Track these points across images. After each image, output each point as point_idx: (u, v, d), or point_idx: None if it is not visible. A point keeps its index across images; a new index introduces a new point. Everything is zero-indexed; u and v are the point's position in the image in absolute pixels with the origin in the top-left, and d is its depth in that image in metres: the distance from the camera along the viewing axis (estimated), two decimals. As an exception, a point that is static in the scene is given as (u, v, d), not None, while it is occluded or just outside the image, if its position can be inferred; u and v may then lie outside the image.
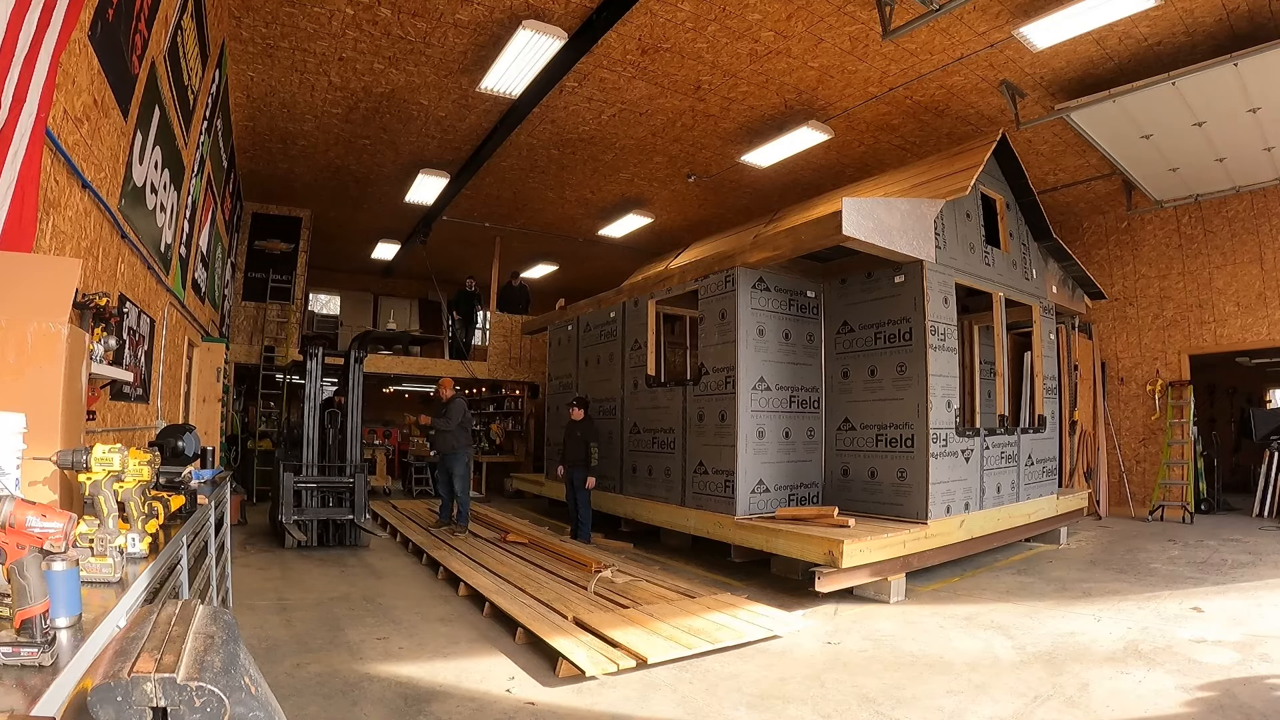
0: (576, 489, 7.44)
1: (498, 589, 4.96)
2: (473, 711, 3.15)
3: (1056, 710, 3.15)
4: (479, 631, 4.37)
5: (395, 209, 11.03)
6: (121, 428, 3.91)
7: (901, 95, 7.14)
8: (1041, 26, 5.64)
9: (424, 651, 3.96)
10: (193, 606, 1.10)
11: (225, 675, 0.88)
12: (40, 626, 1.06)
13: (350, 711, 3.10)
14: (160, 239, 4.57)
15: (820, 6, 5.72)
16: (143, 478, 1.79)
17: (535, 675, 3.60)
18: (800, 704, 3.26)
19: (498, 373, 12.78)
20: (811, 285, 6.70)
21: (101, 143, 3.12)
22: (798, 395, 6.48)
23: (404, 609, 4.86)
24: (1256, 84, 5.91)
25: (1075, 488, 8.77)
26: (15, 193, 2.02)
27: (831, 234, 5.23)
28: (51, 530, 1.11)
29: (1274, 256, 8.43)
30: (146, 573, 1.67)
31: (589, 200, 10.83)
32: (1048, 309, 7.55)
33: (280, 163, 9.52)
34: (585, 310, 9.11)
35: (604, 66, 6.76)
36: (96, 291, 2.90)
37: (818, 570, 4.83)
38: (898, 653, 3.97)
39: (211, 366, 7.61)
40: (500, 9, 5.81)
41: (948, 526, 5.69)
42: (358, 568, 6.23)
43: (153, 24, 3.66)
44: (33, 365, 1.74)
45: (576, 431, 7.50)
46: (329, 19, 5.98)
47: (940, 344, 5.83)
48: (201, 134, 5.67)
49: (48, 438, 1.71)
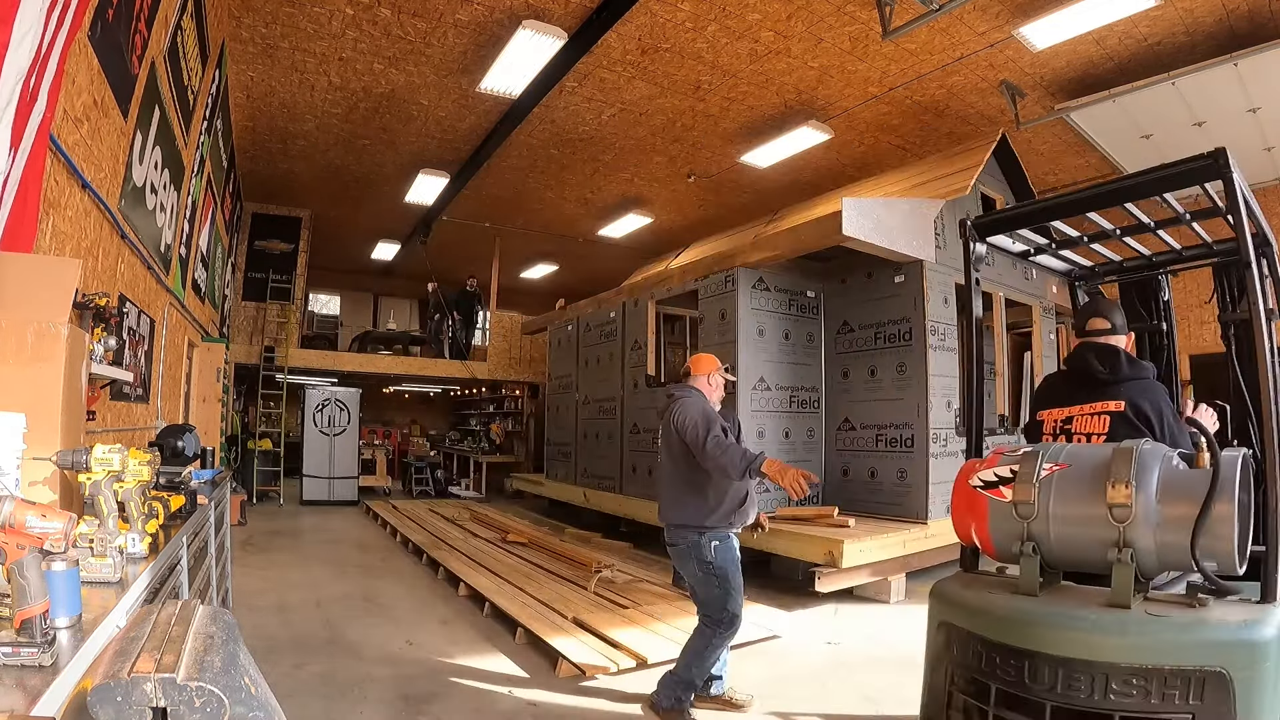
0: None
1: (498, 589, 4.96)
2: (473, 711, 3.14)
3: (1056, 710, 3.15)
4: (479, 631, 4.36)
5: (395, 209, 11.03)
6: (121, 428, 3.91)
7: (901, 95, 7.14)
8: (1041, 26, 5.64)
9: (424, 651, 3.96)
10: (193, 606, 1.10)
11: (225, 675, 0.88)
12: (40, 626, 1.06)
13: (350, 711, 3.10)
14: (160, 239, 4.57)
15: (820, 6, 5.72)
16: (143, 478, 1.78)
17: (535, 675, 3.60)
18: (800, 704, 3.26)
19: (498, 373, 12.78)
20: (811, 285, 6.70)
21: (101, 143, 3.12)
22: (798, 395, 6.48)
23: (404, 609, 4.85)
24: (1256, 84, 5.91)
25: (1075, 488, 8.76)
26: (18, 193, 2.02)
27: (831, 234, 5.23)
28: (51, 530, 1.11)
29: (1274, 256, 8.42)
30: (146, 573, 1.67)
31: (589, 200, 10.83)
32: (1048, 309, 7.55)
33: (280, 163, 9.52)
34: (585, 310, 9.11)
35: (604, 66, 6.76)
36: (96, 291, 2.90)
37: (818, 570, 4.83)
38: (898, 653, 3.97)
39: (211, 366, 7.61)
40: (500, 9, 5.81)
41: (948, 526, 5.67)
42: (358, 567, 6.24)
43: (153, 24, 3.66)
44: (33, 365, 1.74)
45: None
46: (329, 19, 5.98)
47: (940, 344, 5.83)
48: (201, 134, 5.67)
49: (48, 438, 1.71)
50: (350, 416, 10.93)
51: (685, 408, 3.02)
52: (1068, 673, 1.47)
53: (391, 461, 14.04)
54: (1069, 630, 1.51)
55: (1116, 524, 1.55)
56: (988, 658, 1.62)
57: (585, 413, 8.78)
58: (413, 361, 12.86)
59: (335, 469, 10.74)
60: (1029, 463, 1.73)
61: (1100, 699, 1.43)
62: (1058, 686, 1.48)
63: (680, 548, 3.03)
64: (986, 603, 1.70)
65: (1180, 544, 1.51)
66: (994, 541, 1.79)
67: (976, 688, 1.66)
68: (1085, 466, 1.68)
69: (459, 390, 16.47)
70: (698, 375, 3.28)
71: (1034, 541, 1.67)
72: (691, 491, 3.01)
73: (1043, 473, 1.70)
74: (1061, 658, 1.49)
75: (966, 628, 1.70)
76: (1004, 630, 1.60)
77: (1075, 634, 1.50)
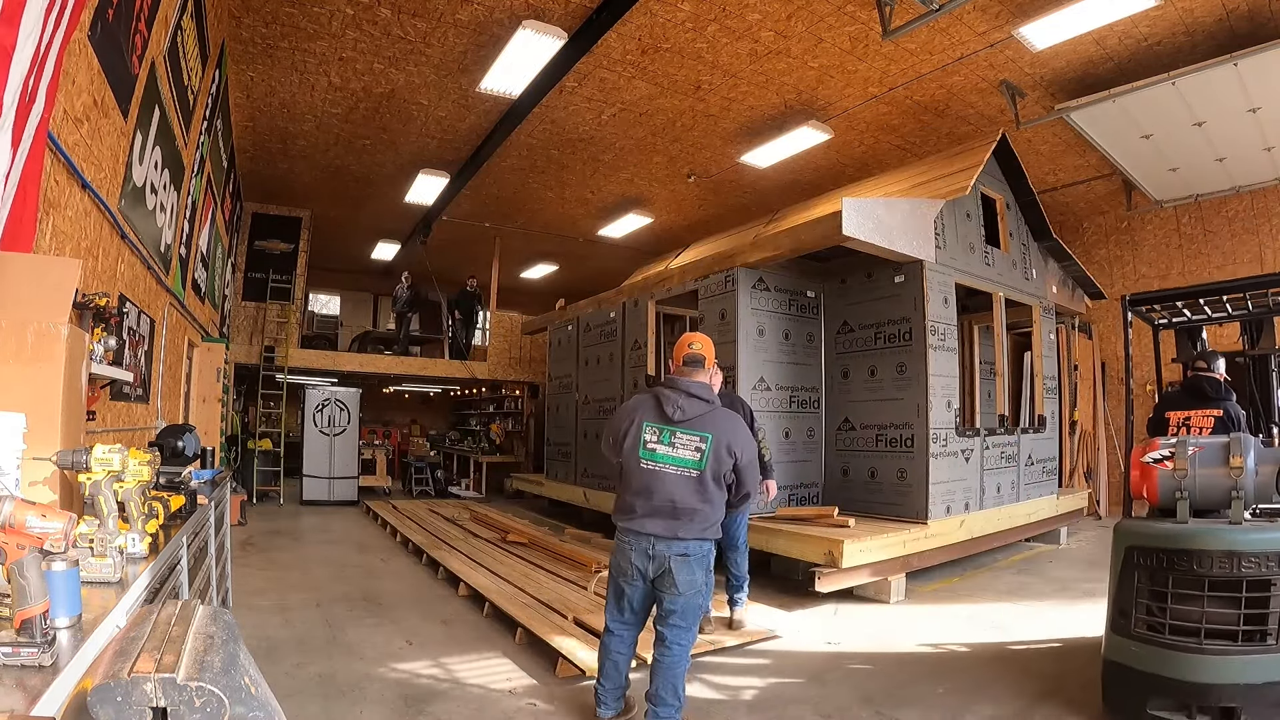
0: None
1: (498, 589, 4.96)
2: (473, 711, 3.14)
3: (1057, 710, 3.15)
4: (479, 631, 4.36)
5: (395, 209, 11.03)
6: (121, 428, 3.91)
7: (901, 95, 7.14)
8: (1041, 26, 5.64)
9: (424, 651, 3.96)
10: (193, 606, 1.10)
11: (225, 675, 0.88)
12: (40, 626, 1.06)
13: (350, 711, 3.10)
14: (160, 239, 4.57)
15: (820, 6, 5.72)
16: (143, 478, 1.79)
17: (535, 675, 3.60)
18: (801, 704, 3.26)
19: (498, 373, 12.78)
20: (811, 285, 6.70)
21: (101, 143, 3.12)
22: (798, 395, 6.48)
23: (404, 609, 4.85)
24: (1256, 84, 5.91)
25: (1075, 488, 8.77)
26: (17, 193, 2.02)
27: (831, 234, 5.23)
28: (51, 530, 1.11)
29: (1274, 256, 8.43)
30: (146, 573, 1.67)
31: (589, 200, 10.83)
32: (1048, 309, 7.55)
33: (280, 163, 9.52)
34: (585, 310, 9.11)
35: (604, 66, 6.76)
36: (96, 291, 2.90)
37: (818, 570, 4.83)
38: (898, 653, 3.97)
39: (211, 366, 7.60)
40: (500, 9, 5.81)
41: (948, 526, 5.69)
42: (358, 568, 6.24)
43: (153, 24, 3.66)
44: (33, 365, 1.74)
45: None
46: (329, 19, 5.98)
47: (940, 344, 5.83)
48: (201, 134, 5.67)
49: (48, 438, 1.71)
50: (350, 416, 10.93)
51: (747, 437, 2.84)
52: (1215, 559, 2.65)
53: (391, 461, 14.04)
54: (1216, 535, 2.71)
55: (1234, 478, 2.82)
56: (1167, 559, 2.77)
57: (585, 413, 8.78)
58: (413, 361, 12.86)
59: (335, 469, 10.74)
60: (1181, 448, 2.97)
61: (1234, 572, 2.63)
62: (1211, 568, 2.66)
63: (694, 558, 2.80)
64: (1163, 529, 2.86)
65: (1267, 486, 2.84)
66: (1160, 494, 3.00)
67: (1156, 579, 2.80)
68: (1214, 448, 2.93)
69: (459, 390, 16.48)
70: (710, 367, 2.96)
71: (1186, 492, 2.91)
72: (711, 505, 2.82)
73: (1189, 452, 2.95)
74: (1212, 551, 2.66)
75: (1151, 545, 2.84)
76: (1177, 541, 2.77)
77: (1219, 536, 2.69)
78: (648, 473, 2.84)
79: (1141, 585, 2.84)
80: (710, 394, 2.88)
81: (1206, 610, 2.66)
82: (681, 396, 2.83)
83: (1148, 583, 2.82)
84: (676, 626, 2.81)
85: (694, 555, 2.79)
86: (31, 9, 1.83)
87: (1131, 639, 2.84)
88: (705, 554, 2.83)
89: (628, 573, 2.88)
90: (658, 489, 2.81)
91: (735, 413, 2.95)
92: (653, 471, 2.83)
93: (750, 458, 2.85)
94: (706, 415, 2.81)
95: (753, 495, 2.92)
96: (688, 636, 2.84)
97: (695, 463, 2.79)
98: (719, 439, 2.78)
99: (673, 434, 2.81)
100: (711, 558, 2.89)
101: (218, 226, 7.75)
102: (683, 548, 2.78)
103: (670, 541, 2.78)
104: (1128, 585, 2.90)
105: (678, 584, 2.77)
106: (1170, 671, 2.68)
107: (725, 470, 2.80)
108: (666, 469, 2.81)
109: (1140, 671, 2.78)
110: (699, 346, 2.93)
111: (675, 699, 2.79)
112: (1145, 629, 2.81)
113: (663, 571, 2.79)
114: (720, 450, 2.78)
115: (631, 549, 2.85)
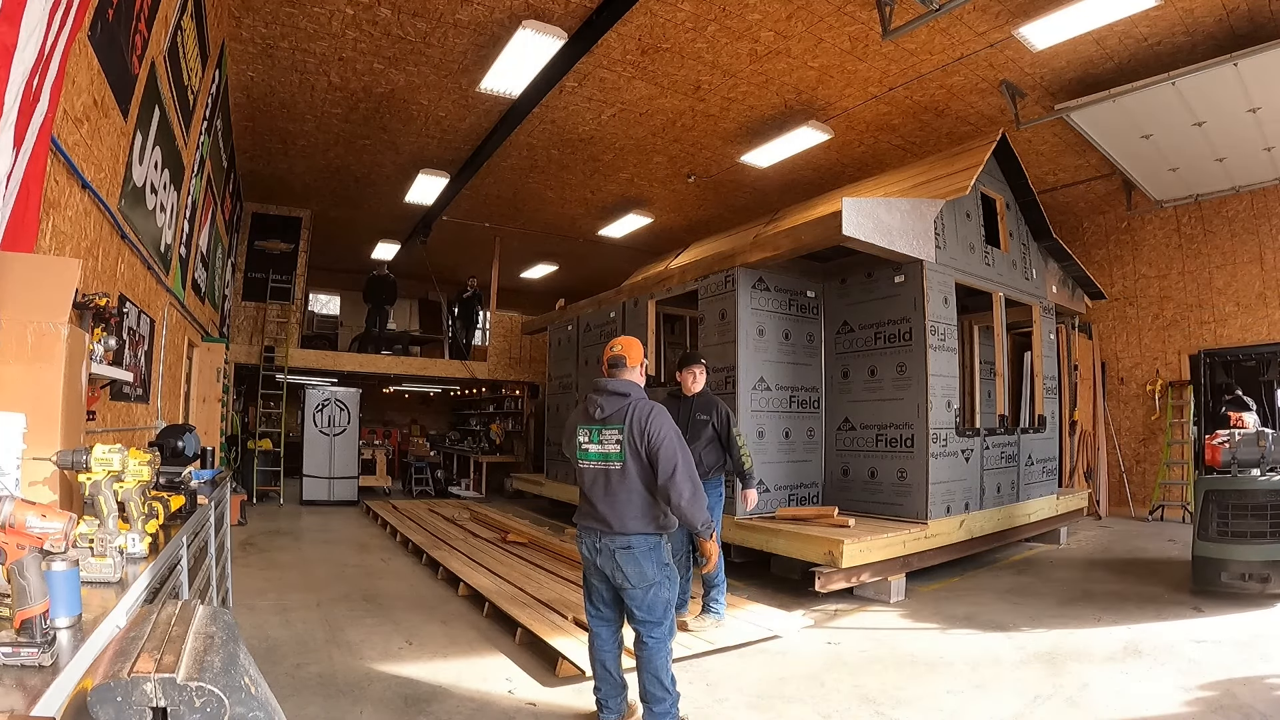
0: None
1: (498, 589, 4.96)
2: (473, 711, 3.15)
3: (1057, 710, 3.15)
4: (479, 632, 4.37)
5: (395, 209, 11.03)
6: (121, 428, 3.91)
7: (901, 95, 7.14)
8: (1041, 27, 5.64)
9: (424, 652, 3.96)
10: (193, 606, 1.10)
11: (225, 675, 0.88)
12: (40, 627, 1.06)
13: (350, 711, 3.10)
14: (160, 239, 4.57)
15: (820, 6, 5.72)
16: (143, 478, 1.78)
17: (535, 675, 3.60)
18: (800, 704, 3.26)
19: (498, 373, 12.78)
20: (811, 285, 6.70)
21: (101, 143, 3.12)
22: (798, 395, 6.48)
23: (404, 609, 4.85)
24: (1256, 84, 5.91)
25: (1075, 488, 8.77)
26: (20, 193, 2.02)
27: (831, 234, 5.23)
28: (51, 530, 1.11)
29: (1274, 256, 8.43)
30: (146, 573, 1.67)
31: (589, 200, 10.83)
32: (1048, 309, 7.55)
33: (280, 163, 9.52)
34: (585, 310, 9.11)
35: (604, 66, 6.76)
36: (96, 291, 2.90)
37: (818, 570, 4.83)
38: (898, 653, 3.97)
39: (211, 366, 7.61)
40: (500, 9, 5.81)
41: (948, 526, 5.69)
42: (358, 567, 6.23)
43: (153, 24, 3.66)
44: (33, 365, 1.75)
45: (698, 414, 4.46)
46: (329, 19, 5.98)
47: (940, 344, 5.83)
48: (201, 134, 5.67)
49: (48, 438, 1.71)
50: (350, 416, 10.94)
51: (662, 423, 2.80)
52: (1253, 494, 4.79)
53: (391, 461, 14.05)
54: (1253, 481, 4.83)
55: (1261, 451, 4.93)
56: (1234, 494, 4.84)
57: (585, 413, 8.77)
58: (413, 361, 12.86)
59: (335, 469, 10.74)
60: (1232, 437, 5.03)
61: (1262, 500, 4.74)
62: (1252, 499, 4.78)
63: (637, 550, 2.80)
64: (1224, 479, 4.95)
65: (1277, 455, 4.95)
66: (1220, 460, 4.99)
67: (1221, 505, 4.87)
68: (1251, 436, 5.01)
69: (459, 390, 16.47)
70: (633, 365, 2.98)
71: (1235, 458, 4.97)
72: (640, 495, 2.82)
73: (1237, 438, 5.00)
74: (1251, 489, 4.80)
75: (1218, 488, 4.92)
76: (1233, 484, 4.88)
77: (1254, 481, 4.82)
78: (586, 471, 2.96)
79: (1212, 510, 4.88)
80: (632, 389, 2.93)
81: (1250, 521, 4.74)
82: (603, 396, 2.93)
83: (1216, 508, 4.87)
84: (645, 621, 2.87)
85: (638, 548, 2.83)
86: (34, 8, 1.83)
87: (1210, 541, 4.89)
88: (651, 547, 2.85)
89: (588, 568, 3.00)
90: (595, 485, 2.91)
91: (657, 404, 2.92)
92: (588, 469, 2.94)
93: (663, 441, 2.77)
94: (623, 409, 2.88)
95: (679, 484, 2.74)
96: (659, 630, 2.88)
97: (617, 454, 2.86)
98: (630, 426, 2.83)
99: (599, 432, 2.91)
100: (664, 550, 2.90)
101: (218, 226, 7.75)
102: (625, 541, 2.83)
103: (613, 535, 2.85)
104: (1208, 511, 4.92)
105: (628, 577, 2.83)
106: (1232, 556, 4.77)
107: (644, 455, 2.82)
108: (597, 465, 2.91)
109: (1215, 559, 4.85)
110: (619, 349, 3.02)
111: (664, 691, 2.83)
112: (1216, 534, 4.87)
113: (612, 566, 2.86)
114: (632, 436, 2.82)
115: (583, 544, 2.98)
